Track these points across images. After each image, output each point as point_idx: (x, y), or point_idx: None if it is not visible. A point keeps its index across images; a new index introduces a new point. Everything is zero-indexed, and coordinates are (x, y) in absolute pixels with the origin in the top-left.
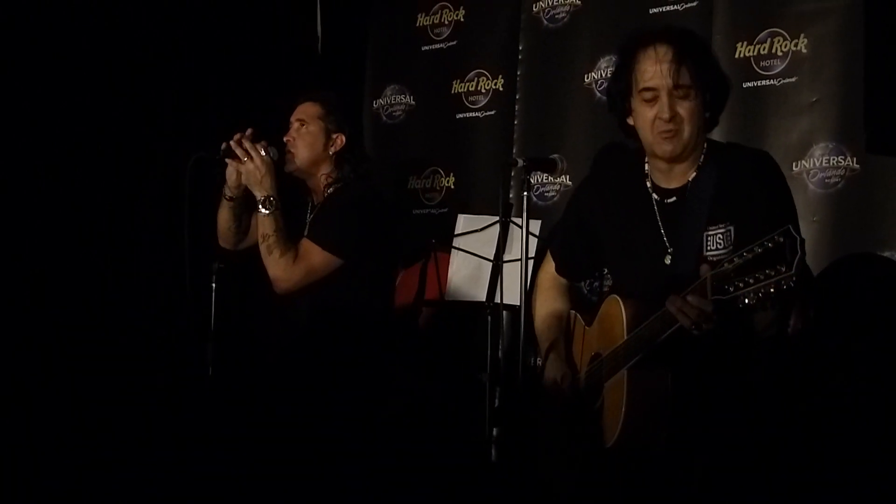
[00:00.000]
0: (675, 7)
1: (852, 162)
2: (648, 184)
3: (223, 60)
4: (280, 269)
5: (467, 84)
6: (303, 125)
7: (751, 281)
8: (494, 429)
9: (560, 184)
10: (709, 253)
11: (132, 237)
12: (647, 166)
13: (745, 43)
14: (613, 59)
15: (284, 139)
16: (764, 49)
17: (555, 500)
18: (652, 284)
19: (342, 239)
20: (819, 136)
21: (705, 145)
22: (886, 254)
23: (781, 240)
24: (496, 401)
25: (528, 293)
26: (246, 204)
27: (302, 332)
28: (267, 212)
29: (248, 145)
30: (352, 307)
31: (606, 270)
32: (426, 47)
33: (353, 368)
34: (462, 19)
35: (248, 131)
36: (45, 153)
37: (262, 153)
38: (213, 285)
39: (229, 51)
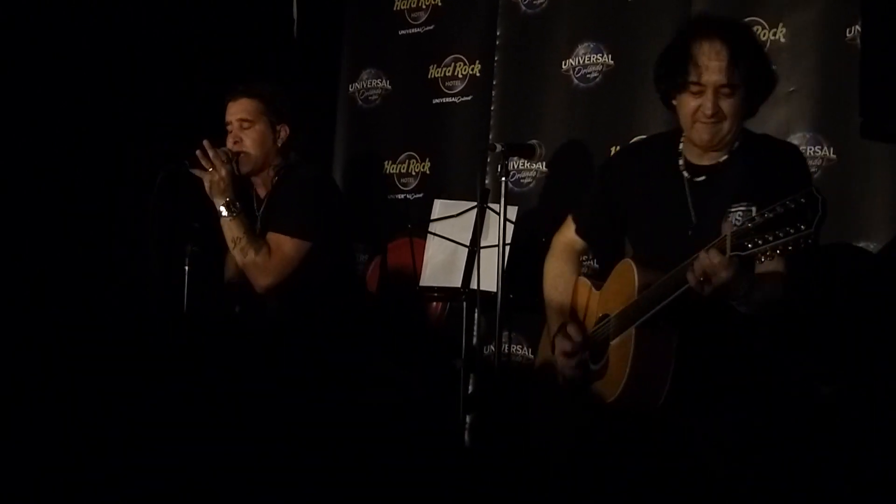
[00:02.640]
0: None
1: (829, 152)
2: (681, 161)
3: (198, 44)
4: (258, 268)
5: (444, 69)
6: (247, 125)
7: (769, 238)
8: (468, 415)
9: (536, 170)
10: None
11: (109, 227)
12: (681, 145)
13: None
14: (591, 45)
15: (231, 143)
16: None
17: (551, 464)
18: (673, 255)
19: (305, 222)
20: (796, 126)
21: (740, 133)
22: (863, 244)
23: (803, 200)
24: (470, 387)
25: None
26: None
27: (272, 320)
28: (232, 215)
29: (213, 155)
30: (318, 290)
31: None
32: (403, 31)
33: (324, 354)
34: (440, 4)
35: (206, 142)
36: (19, 150)
37: (224, 160)
38: (187, 268)
39: (204, 34)
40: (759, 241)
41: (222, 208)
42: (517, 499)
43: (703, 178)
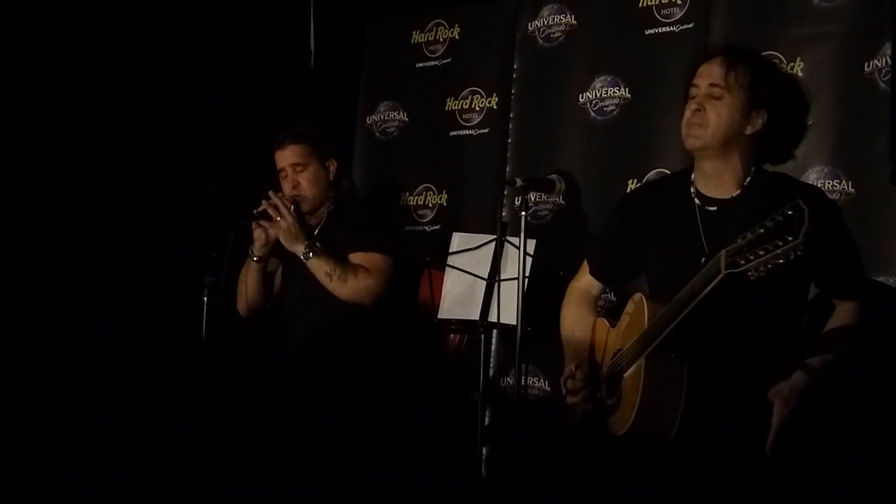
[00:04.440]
0: (672, 28)
1: (847, 186)
2: (692, 190)
3: (216, 75)
4: (361, 288)
5: (461, 102)
6: (301, 169)
7: (761, 253)
8: (485, 447)
9: (553, 203)
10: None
11: (129, 249)
12: (692, 175)
13: None
14: (608, 79)
15: (290, 187)
16: None
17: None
18: (685, 285)
19: (387, 239)
20: (814, 160)
21: (752, 169)
22: (882, 278)
23: (790, 213)
24: (486, 419)
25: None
26: (268, 260)
27: (297, 348)
28: (316, 255)
29: (279, 204)
30: (347, 321)
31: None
32: (420, 64)
33: (348, 384)
34: (457, 37)
35: (272, 192)
36: (47, 168)
37: (290, 207)
38: (205, 299)
39: (222, 65)
40: (752, 257)
41: (303, 253)
42: None
43: (714, 208)
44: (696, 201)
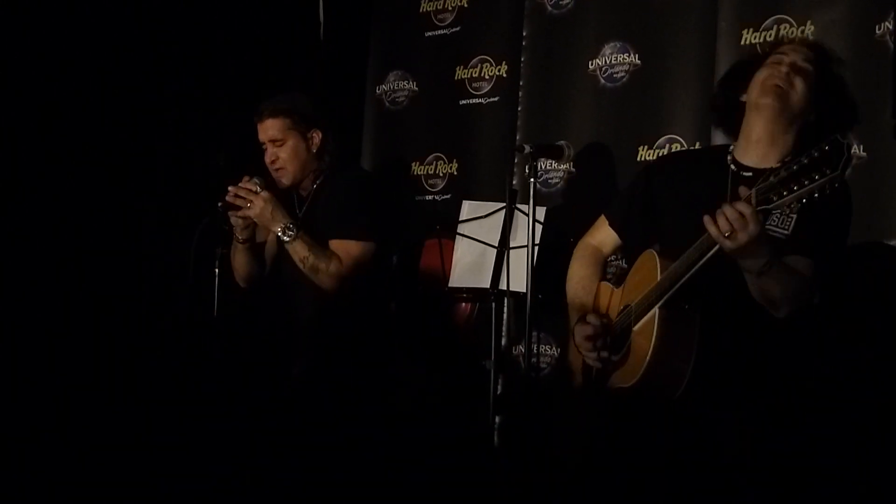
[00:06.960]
0: None
1: (859, 150)
2: (729, 157)
3: (224, 47)
4: (332, 277)
5: (471, 70)
6: (279, 143)
7: (795, 188)
8: (497, 416)
9: (564, 170)
10: (768, 227)
11: (137, 228)
12: (732, 146)
13: (752, 29)
14: (618, 45)
15: (269, 160)
16: (770, 36)
17: (568, 466)
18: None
19: (367, 223)
20: None
21: (795, 152)
22: (894, 243)
23: (827, 147)
24: (499, 388)
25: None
26: (255, 238)
27: (305, 322)
28: (291, 237)
29: (244, 192)
30: (355, 293)
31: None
32: (430, 33)
33: (356, 356)
34: (466, 5)
35: (231, 187)
36: (48, 149)
37: (259, 190)
38: (217, 270)
39: (230, 37)
40: (785, 192)
41: (279, 234)
42: (546, 500)
43: (749, 174)
44: (732, 167)
